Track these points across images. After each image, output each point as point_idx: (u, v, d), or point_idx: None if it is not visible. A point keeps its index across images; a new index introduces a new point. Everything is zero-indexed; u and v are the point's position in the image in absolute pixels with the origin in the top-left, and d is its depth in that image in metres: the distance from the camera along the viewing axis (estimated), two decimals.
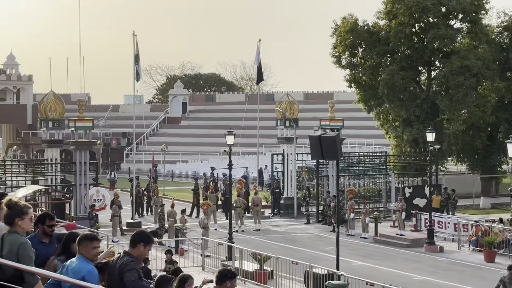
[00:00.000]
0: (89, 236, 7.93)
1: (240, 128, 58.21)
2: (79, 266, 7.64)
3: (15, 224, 7.13)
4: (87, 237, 7.89)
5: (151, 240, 8.24)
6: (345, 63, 47.46)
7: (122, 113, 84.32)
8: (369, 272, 26.01)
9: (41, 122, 38.58)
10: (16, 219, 7.14)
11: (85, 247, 7.77)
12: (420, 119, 45.19)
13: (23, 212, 7.18)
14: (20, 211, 7.17)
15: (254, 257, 25.17)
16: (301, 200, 42.63)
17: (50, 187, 36.82)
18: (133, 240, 8.23)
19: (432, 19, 45.62)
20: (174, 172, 65.31)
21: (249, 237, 35.42)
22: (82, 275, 7.54)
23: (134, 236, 8.26)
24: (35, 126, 76.36)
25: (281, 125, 44.23)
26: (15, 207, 7.19)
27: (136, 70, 40.20)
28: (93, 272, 7.68)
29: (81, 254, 7.73)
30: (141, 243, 8.12)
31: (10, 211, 7.17)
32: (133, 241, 8.19)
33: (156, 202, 38.24)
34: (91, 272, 7.65)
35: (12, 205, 7.20)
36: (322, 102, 68.25)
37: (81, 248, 7.76)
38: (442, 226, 34.66)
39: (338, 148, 20.34)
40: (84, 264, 7.67)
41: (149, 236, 8.30)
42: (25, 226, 7.19)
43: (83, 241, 7.82)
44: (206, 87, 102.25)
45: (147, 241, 8.16)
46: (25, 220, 7.20)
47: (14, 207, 7.19)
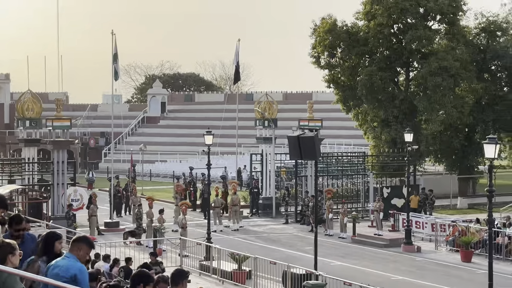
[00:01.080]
0: (89, 242, 8.04)
1: (219, 128, 58.21)
2: (69, 264, 7.71)
3: (7, 261, 7.23)
4: (87, 241, 8.00)
5: (151, 280, 8.17)
6: (324, 63, 47.57)
7: (100, 113, 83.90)
8: (347, 272, 26.08)
9: (18, 121, 38.31)
10: (9, 256, 7.25)
11: (81, 249, 7.86)
12: (398, 120, 45.40)
13: (14, 248, 7.31)
14: (11, 247, 7.30)
15: (233, 257, 25.17)
16: (280, 200, 42.67)
17: (27, 186, 36.54)
18: (132, 280, 8.15)
19: (411, 20, 45.86)
20: (152, 172, 65.12)
21: (228, 237, 35.39)
22: (74, 273, 7.63)
23: (134, 277, 8.19)
24: (12, 125, 75.82)
25: (260, 125, 44.24)
26: (5, 244, 7.34)
27: (115, 69, 40.02)
28: (84, 270, 7.78)
29: (72, 254, 7.80)
30: (140, 284, 8.06)
31: (1, 249, 7.28)
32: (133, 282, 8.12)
33: (134, 202, 38.09)
34: (82, 270, 7.73)
35: (2, 244, 7.34)
36: (301, 102, 68.40)
37: (77, 248, 7.84)
38: (420, 226, 34.83)
39: (316, 148, 20.39)
40: (74, 262, 7.74)
41: (149, 277, 8.23)
42: (15, 261, 7.31)
43: (80, 242, 7.91)
44: (185, 86, 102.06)
45: (146, 281, 8.09)
46: (16, 255, 7.32)
47: (4, 245, 7.33)
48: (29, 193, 36.50)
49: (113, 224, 37.30)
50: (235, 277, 24.50)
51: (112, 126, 46.26)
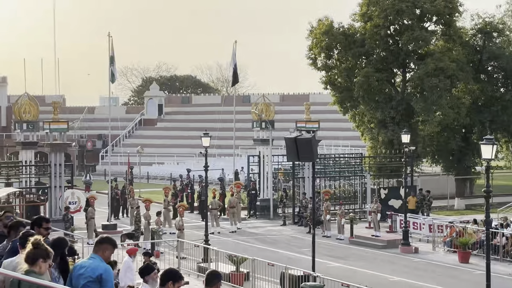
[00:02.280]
0: (113, 243, 8.44)
1: (216, 130, 58.22)
2: (95, 264, 8.15)
3: (37, 264, 7.23)
4: (111, 242, 8.40)
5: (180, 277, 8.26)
6: (321, 65, 47.61)
7: (97, 115, 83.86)
8: (345, 273, 26.10)
9: (16, 124, 38.31)
10: (40, 260, 7.25)
11: (106, 250, 8.28)
12: (395, 121, 45.45)
13: (49, 256, 7.34)
14: (47, 253, 7.33)
15: (230, 259, 25.17)
16: (278, 201, 42.66)
17: (24, 189, 36.54)
18: (162, 279, 8.22)
19: (407, 21, 45.93)
20: (150, 174, 65.09)
21: (225, 238, 35.40)
22: (100, 273, 8.08)
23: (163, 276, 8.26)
24: (9, 128, 75.70)
25: (257, 127, 44.26)
26: (41, 247, 7.34)
27: (112, 72, 40.06)
28: (109, 271, 8.23)
29: (97, 254, 8.22)
30: (169, 281, 8.11)
31: (35, 251, 7.29)
32: (162, 279, 8.18)
33: (132, 204, 38.10)
34: (107, 271, 8.19)
35: (39, 246, 7.34)
36: (298, 104, 68.42)
37: (102, 249, 8.27)
38: (417, 227, 34.85)
39: (314, 150, 20.40)
40: (100, 263, 8.18)
41: (178, 274, 8.31)
42: (44, 268, 7.31)
43: (105, 243, 8.34)
44: (182, 88, 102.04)
45: (175, 279, 8.17)
46: (47, 263, 7.33)
47: (41, 248, 7.33)
48: (27, 196, 36.52)
49: (110, 226, 37.28)
50: (233, 279, 24.50)
51: (110, 129, 46.32)
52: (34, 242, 7.33)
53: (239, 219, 38.97)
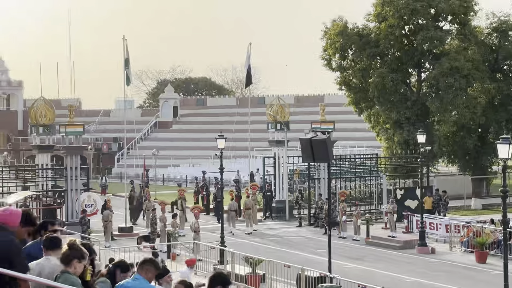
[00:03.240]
0: (156, 265, 8.48)
1: (231, 132, 58.18)
2: (140, 285, 8.20)
3: (71, 264, 7.30)
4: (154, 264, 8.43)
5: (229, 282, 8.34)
6: (336, 65, 47.55)
7: (113, 118, 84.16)
8: (361, 274, 26.02)
9: (32, 127, 38.48)
10: (75, 261, 7.31)
11: (149, 271, 8.28)
12: (411, 121, 45.30)
13: (83, 257, 7.40)
14: (81, 254, 7.38)
15: (246, 261, 25.15)
16: (293, 203, 42.62)
17: (41, 192, 36.69)
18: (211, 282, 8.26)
19: (422, 21, 45.80)
20: (165, 177, 65.19)
21: (241, 240, 35.39)
22: None
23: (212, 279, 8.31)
24: (26, 131, 76.21)
25: (272, 128, 44.21)
26: (76, 248, 7.41)
27: (127, 75, 40.14)
28: None
29: (141, 276, 8.25)
30: (218, 285, 8.15)
31: (71, 251, 7.36)
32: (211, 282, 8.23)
33: (148, 206, 38.18)
34: None
35: (74, 246, 7.41)
36: (313, 105, 68.37)
37: (145, 270, 8.28)
38: (434, 228, 34.70)
39: (329, 151, 20.33)
40: (145, 283, 8.23)
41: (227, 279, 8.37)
42: (79, 269, 7.38)
43: (147, 265, 8.34)
44: (196, 91, 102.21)
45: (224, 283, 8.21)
46: (82, 264, 7.40)
47: (76, 249, 7.41)
48: (43, 199, 36.66)
49: (127, 229, 37.38)
50: (249, 280, 24.49)
51: (125, 131, 46.44)
52: (69, 243, 7.39)
53: (255, 220, 38.95)
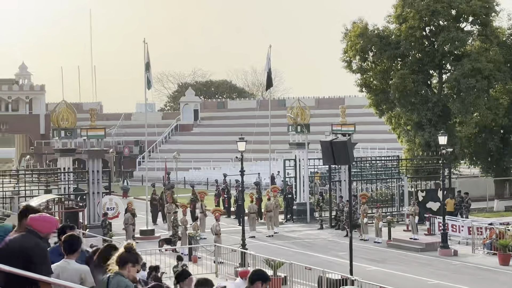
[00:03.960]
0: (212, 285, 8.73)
1: (252, 135, 58.25)
2: None
3: (126, 267, 7.44)
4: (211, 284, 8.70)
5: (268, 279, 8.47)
6: (356, 67, 47.44)
7: (134, 121, 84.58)
8: (383, 277, 25.92)
9: (54, 131, 38.75)
10: (129, 264, 7.46)
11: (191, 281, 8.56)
12: (432, 123, 45.07)
13: (138, 262, 7.58)
14: (136, 259, 7.55)
15: (268, 263, 25.12)
16: (314, 205, 42.56)
17: (63, 196, 36.94)
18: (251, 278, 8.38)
19: (443, 22, 45.57)
20: (186, 179, 65.39)
21: (263, 243, 35.38)
22: None
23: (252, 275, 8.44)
24: (48, 135, 76.71)
25: (292, 130, 44.20)
26: (133, 252, 7.58)
27: (147, 78, 40.29)
28: None
29: None
30: (259, 281, 8.23)
31: (127, 254, 7.52)
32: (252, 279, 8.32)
33: (169, 209, 38.29)
34: None
35: (131, 250, 7.58)
36: (333, 107, 68.25)
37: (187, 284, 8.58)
38: (456, 230, 34.50)
39: (349, 153, 20.28)
40: None
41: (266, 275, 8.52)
42: (133, 273, 7.52)
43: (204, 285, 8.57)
44: (217, 94, 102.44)
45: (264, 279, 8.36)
46: (136, 268, 7.55)
47: (132, 252, 7.57)
48: (65, 202, 36.91)
49: (148, 232, 37.51)
50: (271, 283, 24.44)
51: (146, 135, 46.54)
52: (126, 246, 7.54)
53: (276, 223, 38.93)
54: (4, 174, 39.64)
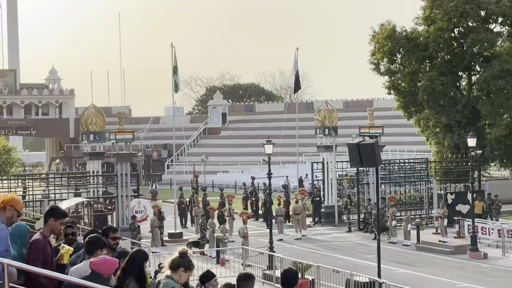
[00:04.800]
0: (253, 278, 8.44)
1: (279, 138, 58.29)
2: None
3: (177, 272, 7.61)
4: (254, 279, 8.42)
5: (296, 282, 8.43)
6: (384, 69, 47.28)
7: (162, 125, 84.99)
8: (412, 280, 25.75)
9: (83, 135, 39.06)
10: (181, 269, 7.61)
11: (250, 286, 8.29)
12: (461, 125, 44.74)
13: (190, 268, 7.73)
14: (189, 265, 7.70)
15: (295, 266, 25.07)
16: (342, 208, 42.41)
17: (92, 199, 37.20)
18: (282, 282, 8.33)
19: (472, 23, 45.26)
20: (215, 183, 65.51)
21: (290, 246, 35.34)
22: None
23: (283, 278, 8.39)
24: (77, 139, 77.37)
25: (320, 133, 44.09)
26: (186, 258, 7.76)
27: (175, 82, 40.47)
28: None
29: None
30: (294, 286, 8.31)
31: (180, 259, 7.70)
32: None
33: (197, 212, 38.40)
34: None
35: (184, 256, 7.77)
36: (361, 110, 68.04)
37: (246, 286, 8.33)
38: (486, 232, 34.17)
39: (377, 155, 20.17)
40: None
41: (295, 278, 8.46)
42: (184, 278, 7.68)
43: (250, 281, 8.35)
44: (245, 97, 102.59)
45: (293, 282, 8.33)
46: (187, 274, 7.71)
47: (185, 258, 7.75)
48: (94, 205, 37.17)
49: (177, 235, 37.64)
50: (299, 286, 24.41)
51: (174, 138, 46.75)
52: (181, 251, 7.71)
53: (304, 226, 38.86)
54: (35, 178, 40.02)
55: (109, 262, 7.82)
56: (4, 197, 7.89)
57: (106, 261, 7.80)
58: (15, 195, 8.05)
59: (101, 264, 7.75)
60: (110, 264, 7.81)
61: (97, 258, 7.88)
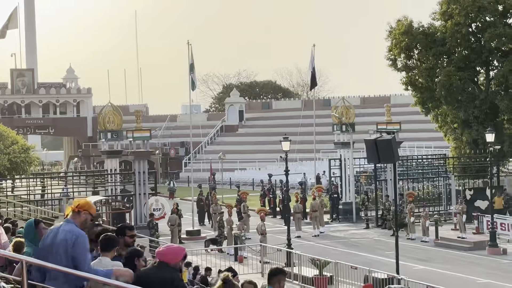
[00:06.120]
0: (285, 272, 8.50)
1: (297, 135, 58.17)
2: None
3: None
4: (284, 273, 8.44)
5: None
6: (401, 65, 47.05)
7: (179, 123, 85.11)
8: (430, 276, 25.66)
9: (100, 133, 39.24)
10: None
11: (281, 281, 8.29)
12: (479, 120, 44.47)
13: None
14: None
15: (313, 263, 25.08)
16: (360, 204, 42.36)
17: (110, 197, 37.37)
18: None
19: (489, 18, 44.94)
20: (232, 180, 65.57)
21: (308, 242, 35.33)
22: None
23: None
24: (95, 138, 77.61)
25: (337, 130, 43.99)
26: (229, 284, 8.13)
27: (192, 79, 40.54)
28: None
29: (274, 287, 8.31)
30: None
31: (224, 286, 8.09)
32: None
33: (215, 210, 38.47)
34: None
35: (228, 282, 8.13)
36: (378, 106, 67.77)
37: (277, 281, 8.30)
38: (505, 228, 33.99)
39: (394, 151, 20.11)
40: None
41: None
42: None
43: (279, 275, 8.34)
44: (262, 94, 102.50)
45: None
46: None
47: (229, 284, 8.13)
48: (112, 203, 37.34)
49: (195, 232, 37.74)
50: (317, 282, 24.42)
51: (191, 136, 46.80)
52: (224, 278, 8.12)
53: (321, 223, 38.83)
54: (53, 177, 40.26)
55: (175, 251, 7.87)
56: (78, 201, 7.98)
57: (171, 250, 7.86)
58: (89, 200, 8.15)
59: (166, 253, 7.79)
60: (175, 252, 7.85)
61: (163, 247, 7.94)
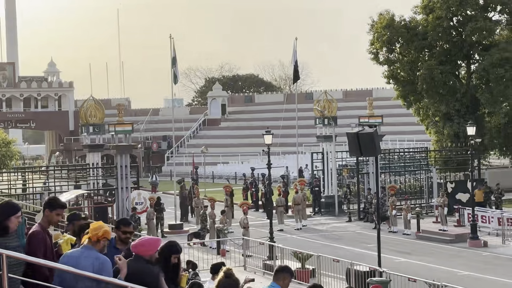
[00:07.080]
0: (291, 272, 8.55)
1: (279, 128, 58.24)
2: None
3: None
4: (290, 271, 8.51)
5: None
6: (383, 59, 47.22)
7: (162, 117, 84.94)
8: (412, 268, 25.79)
9: (82, 127, 39.05)
10: None
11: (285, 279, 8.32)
12: (461, 113, 44.73)
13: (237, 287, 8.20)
14: (236, 285, 8.17)
15: (296, 256, 25.12)
16: (342, 198, 42.46)
17: (92, 191, 37.21)
18: None
19: (470, 12, 45.18)
20: (215, 174, 65.53)
21: (290, 236, 35.39)
22: None
23: None
24: (77, 131, 77.29)
25: (319, 123, 44.07)
26: (232, 279, 8.17)
27: (174, 73, 40.42)
28: None
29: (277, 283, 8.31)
30: None
31: (225, 280, 8.11)
32: None
33: (198, 203, 38.42)
34: None
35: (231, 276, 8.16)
36: (361, 100, 67.97)
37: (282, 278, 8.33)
38: (486, 221, 34.22)
39: (376, 144, 20.15)
40: None
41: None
42: None
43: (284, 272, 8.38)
44: (244, 88, 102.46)
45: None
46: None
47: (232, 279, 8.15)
48: (95, 197, 37.18)
49: (177, 226, 37.69)
50: (299, 275, 24.45)
51: (173, 130, 46.69)
52: (226, 272, 8.11)
53: (304, 216, 38.90)
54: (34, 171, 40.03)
55: (149, 243, 7.76)
56: (96, 232, 7.70)
57: (145, 242, 7.76)
58: (106, 226, 7.93)
59: (141, 245, 7.70)
60: (149, 245, 7.74)
61: (138, 240, 7.82)
